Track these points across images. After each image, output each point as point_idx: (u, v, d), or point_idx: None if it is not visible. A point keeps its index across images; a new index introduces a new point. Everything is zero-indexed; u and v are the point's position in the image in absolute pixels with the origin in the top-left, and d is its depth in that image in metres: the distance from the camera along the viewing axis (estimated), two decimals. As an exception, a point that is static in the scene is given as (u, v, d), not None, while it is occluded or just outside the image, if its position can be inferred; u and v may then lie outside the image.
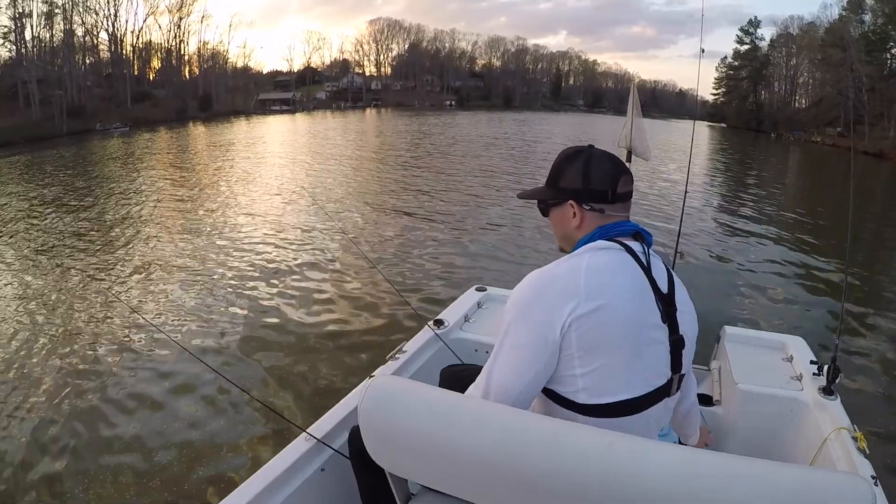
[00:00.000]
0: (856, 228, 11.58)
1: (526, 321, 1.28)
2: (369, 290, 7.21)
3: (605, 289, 1.25)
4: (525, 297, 1.30)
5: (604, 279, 1.26)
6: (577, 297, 1.23)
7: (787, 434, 2.37)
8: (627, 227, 1.39)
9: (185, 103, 70.28)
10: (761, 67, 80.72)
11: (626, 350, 1.25)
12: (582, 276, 1.26)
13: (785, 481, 0.98)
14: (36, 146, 35.56)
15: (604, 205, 1.40)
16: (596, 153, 1.44)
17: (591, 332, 1.23)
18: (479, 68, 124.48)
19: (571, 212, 1.43)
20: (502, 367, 1.29)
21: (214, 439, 4.14)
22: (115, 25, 68.96)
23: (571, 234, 1.44)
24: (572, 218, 1.43)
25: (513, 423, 1.16)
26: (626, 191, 1.42)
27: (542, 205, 1.52)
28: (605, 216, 1.40)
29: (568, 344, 1.23)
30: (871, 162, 35.11)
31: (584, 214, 1.41)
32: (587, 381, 1.24)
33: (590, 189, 1.40)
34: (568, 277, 1.27)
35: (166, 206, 13.42)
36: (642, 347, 1.27)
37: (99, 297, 7.13)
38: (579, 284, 1.25)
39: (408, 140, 33.95)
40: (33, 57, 57.06)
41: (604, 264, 1.29)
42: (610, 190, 1.39)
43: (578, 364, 1.24)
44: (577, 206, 1.42)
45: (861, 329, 6.34)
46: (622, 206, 1.42)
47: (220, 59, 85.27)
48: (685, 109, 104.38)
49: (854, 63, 50.20)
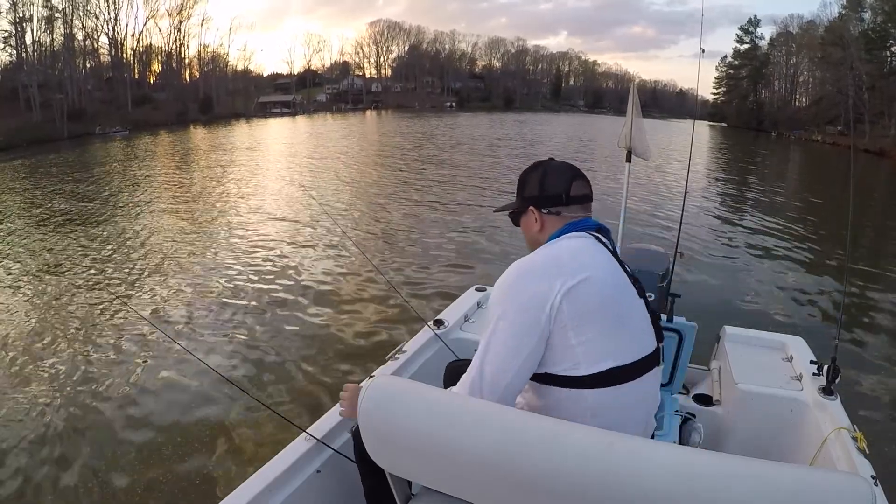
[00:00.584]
0: (856, 228, 11.58)
1: (515, 303, 1.36)
2: (370, 290, 7.22)
3: (586, 264, 1.37)
4: (511, 282, 1.39)
5: (584, 257, 1.40)
6: (563, 274, 1.34)
7: (787, 434, 2.37)
8: (591, 223, 1.53)
9: (186, 106, 70.28)
10: (761, 66, 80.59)
11: (615, 317, 1.37)
12: (564, 256, 1.39)
13: (785, 481, 0.98)
14: (37, 149, 35.61)
15: (560, 207, 1.54)
16: (553, 164, 1.61)
17: (582, 302, 1.32)
18: (479, 69, 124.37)
19: (533, 217, 1.57)
20: (497, 350, 1.35)
21: (214, 439, 4.15)
22: (116, 29, 69.09)
23: (536, 237, 1.57)
24: (534, 223, 1.57)
25: (513, 423, 1.16)
26: (581, 193, 1.55)
27: (512, 215, 1.67)
28: (564, 217, 1.54)
29: (561, 317, 1.31)
30: (871, 160, 35.05)
31: (543, 218, 1.56)
32: (584, 350, 1.32)
33: (546, 195, 1.55)
34: (550, 259, 1.40)
35: (169, 209, 13.45)
36: (628, 315, 1.41)
37: (98, 295, 7.16)
38: (563, 263, 1.37)
39: (409, 142, 33.96)
40: (34, 61, 57.12)
41: (580, 246, 1.44)
42: (564, 193, 1.53)
43: (573, 335, 1.32)
44: (536, 212, 1.56)
45: (861, 329, 6.33)
46: (580, 207, 1.55)
47: (220, 61, 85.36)
48: (686, 109, 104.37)
49: (854, 61, 50.13)
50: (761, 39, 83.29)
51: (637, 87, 4.03)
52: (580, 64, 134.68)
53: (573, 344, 1.32)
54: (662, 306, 3.21)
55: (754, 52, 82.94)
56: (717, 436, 2.57)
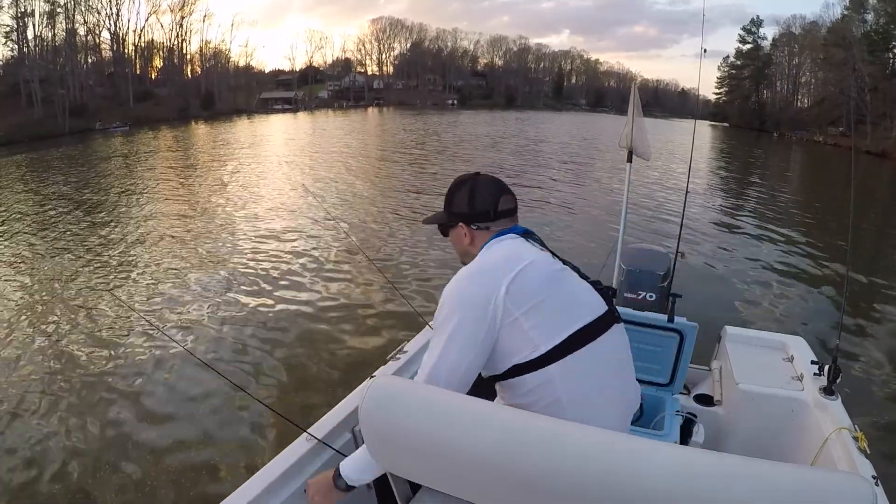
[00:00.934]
0: (857, 228, 11.56)
1: (463, 303, 1.42)
2: (371, 290, 7.22)
3: (521, 257, 1.47)
4: (456, 287, 1.47)
5: (518, 252, 1.50)
6: (502, 271, 1.43)
7: (788, 434, 2.37)
8: (517, 230, 1.62)
9: (188, 102, 70.29)
10: (763, 67, 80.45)
11: (558, 292, 1.45)
12: (499, 257, 1.49)
13: (785, 481, 0.98)
14: (39, 145, 35.63)
15: (488, 223, 1.62)
16: (481, 180, 1.67)
17: (524, 289, 1.40)
18: (481, 67, 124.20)
19: (463, 232, 1.65)
20: (448, 347, 1.40)
21: (215, 439, 4.15)
22: (118, 24, 69.05)
23: (467, 250, 1.66)
24: (464, 237, 1.65)
25: (513, 423, 1.16)
26: (507, 208, 1.64)
27: (441, 227, 1.73)
28: (492, 231, 1.62)
29: (508, 310, 1.39)
30: (873, 162, 34.99)
31: (473, 234, 1.64)
32: (538, 332, 1.39)
33: (475, 212, 1.62)
34: (489, 262, 1.50)
35: (170, 206, 13.45)
36: (570, 288, 1.49)
37: (98, 294, 7.16)
38: (499, 263, 1.46)
39: (413, 139, 33.88)
40: (35, 56, 57.10)
41: (512, 245, 1.54)
42: (492, 210, 1.62)
43: (525, 321, 1.39)
44: (466, 227, 1.64)
45: (862, 329, 6.33)
46: (507, 220, 1.64)
47: (222, 57, 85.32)
48: (687, 109, 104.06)
49: (857, 62, 50.04)
50: (764, 40, 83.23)
51: (639, 86, 4.04)
52: (582, 63, 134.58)
53: (526, 329, 1.38)
54: (663, 306, 3.21)
55: (756, 53, 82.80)
56: (718, 436, 2.57)
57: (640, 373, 2.55)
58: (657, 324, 2.53)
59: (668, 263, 3.94)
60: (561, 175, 19.44)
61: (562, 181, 17.85)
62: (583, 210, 13.39)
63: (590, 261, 8.24)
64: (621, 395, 1.51)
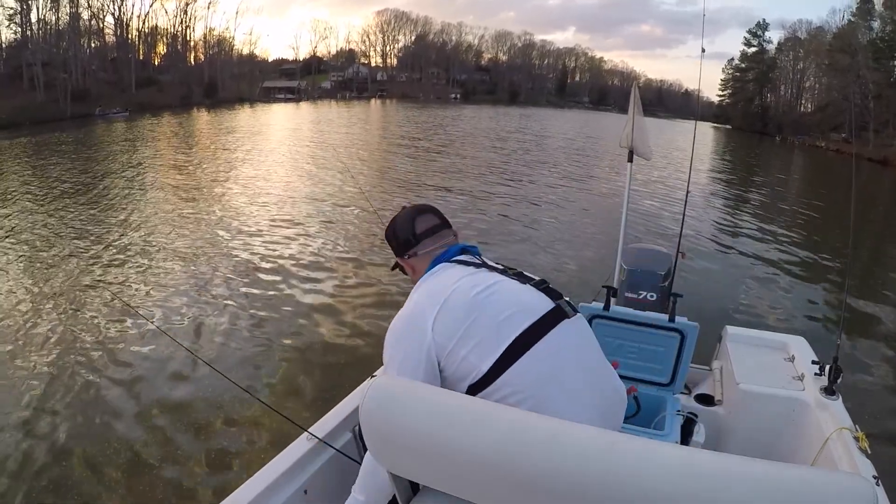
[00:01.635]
0: (858, 232, 11.58)
1: (402, 345, 1.47)
2: (371, 289, 7.22)
3: (442, 290, 1.47)
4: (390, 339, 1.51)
5: (441, 285, 1.49)
6: (427, 311, 1.44)
7: (789, 434, 2.38)
8: (451, 252, 1.62)
9: (190, 89, 70.02)
10: (768, 70, 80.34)
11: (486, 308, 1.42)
12: (425, 296, 1.50)
13: (786, 481, 0.98)
14: (41, 129, 35.45)
15: (414, 248, 1.65)
16: (400, 214, 1.72)
17: (450, 319, 1.42)
18: (485, 62, 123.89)
19: (404, 265, 1.71)
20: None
21: (215, 439, 4.16)
22: (122, 9, 68.75)
23: (414, 279, 1.67)
24: (409, 269, 1.70)
25: (514, 422, 1.16)
26: (426, 227, 1.66)
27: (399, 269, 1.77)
28: (424, 256, 1.64)
29: (441, 344, 1.41)
30: (875, 169, 35.02)
31: (410, 263, 1.68)
32: (475, 354, 1.39)
33: (399, 244, 1.68)
34: (417, 306, 1.50)
35: (172, 198, 13.43)
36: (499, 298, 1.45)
37: (97, 293, 7.08)
38: (423, 303, 1.48)
39: (419, 133, 33.82)
40: (39, 39, 56.80)
41: (435, 280, 1.54)
42: (411, 236, 1.65)
43: (460, 348, 1.40)
44: (402, 261, 1.70)
45: (863, 329, 6.37)
46: (430, 240, 1.65)
47: (225, 45, 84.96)
48: (691, 110, 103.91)
49: (861, 69, 49.99)
50: (769, 43, 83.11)
51: (643, 86, 4.05)
52: (586, 60, 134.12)
53: (464, 355, 1.40)
54: (664, 306, 3.21)
55: (761, 56, 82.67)
56: (719, 436, 2.57)
57: (641, 372, 2.57)
58: (658, 323, 2.53)
59: (669, 263, 3.94)
60: (563, 172, 19.45)
61: (564, 179, 17.86)
62: (584, 209, 13.39)
63: (591, 261, 8.29)
64: (590, 387, 1.47)
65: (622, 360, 2.50)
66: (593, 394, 1.46)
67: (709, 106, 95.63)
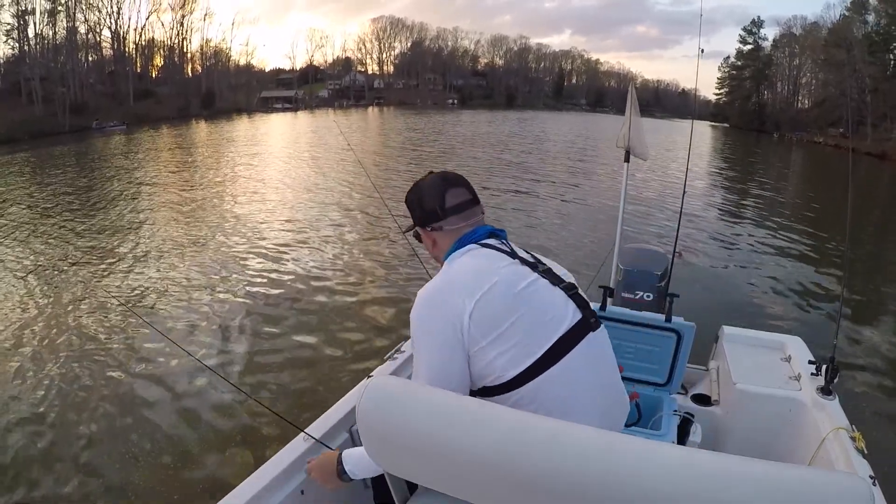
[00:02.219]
0: (856, 229, 11.59)
1: (431, 331, 1.39)
2: (369, 289, 7.22)
3: (483, 277, 1.39)
4: (422, 313, 1.42)
5: (480, 271, 1.41)
6: (464, 293, 1.36)
7: (786, 434, 2.37)
8: (480, 233, 1.53)
9: (188, 101, 70.23)
10: (764, 67, 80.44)
11: (526, 312, 1.37)
12: (458, 278, 1.42)
13: (783, 481, 0.98)
14: (40, 143, 35.59)
15: (439, 222, 1.55)
16: (427, 181, 1.61)
17: (488, 313, 1.35)
18: (481, 67, 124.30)
19: (424, 236, 1.61)
20: (432, 367, 1.39)
21: (213, 439, 4.16)
22: (118, 23, 68.93)
23: (434, 253, 1.61)
24: (428, 241, 1.61)
25: (513, 423, 1.15)
26: (457, 202, 1.55)
27: (415, 235, 1.67)
28: (450, 231, 1.55)
29: (474, 337, 1.35)
30: (873, 163, 35.01)
31: (431, 236, 1.59)
32: (504, 359, 1.35)
33: (424, 213, 1.57)
34: (449, 284, 1.42)
35: (171, 207, 13.45)
36: (538, 301, 1.40)
37: (98, 293, 7.13)
38: (461, 284, 1.39)
39: (419, 138, 33.92)
40: (36, 54, 56.98)
41: (470, 262, 1.45)
42: (438, 208, 1.54)
43: (490, 349, 1.35)
44: (424, 231, 1.60)
45: (859, 329, 6.35)
46: (459, 217, 1.55)
47: (222, 56, 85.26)
48: (688, 109, 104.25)
49: (857, 63, 50.04)
50: (764, 40, 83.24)
51: (640, 87, 4.05)
52: (583, 62, 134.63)
53: (492, 357, 1.35)
54: (661, 306, 3.21)
55: (757, 53, 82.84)
56: (716, 436, 2.56)
57: (638, 372, 2.56)
58: (655, 324, 2.52)
59: (666, 263, 3.94)
60: (560, 173, 19.47)
61: (562, 180, 17.85)
62: (581, 209, 13.39)
63: (588, 261, 8.27)
64: (602, 403, 1.46)
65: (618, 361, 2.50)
66: (603, 407, 1.46)
67: (706, 105, 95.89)
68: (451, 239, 1.54)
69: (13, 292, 7.35)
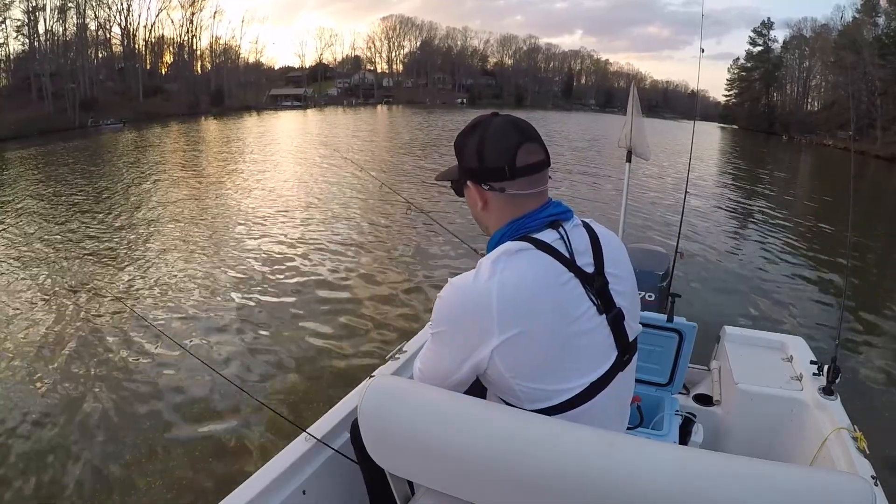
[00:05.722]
0: (861, 231, 11.52)
1: (448, 344, 1.25)
2: (370, 289, 7.21)
3: (519, 312, 1.16)
4: (446, 314, 1.24)
5: (518, 302, 1.16)
6: (499, 321, 1.15)
7: (787, 434, 2.36)
8: (540, 219, 1.26)
9: (197, 98, 70.63)
10: (774, 69, 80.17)
11: (558, 357, 1.19)
12: (494, 304, 1.15)
13: (785, 481, 0.98)
14: (50, 138, 35.81)
15: (503, 182, 1.26)
16: (494, 123, 1.29)
17: (516, 358, 1.17)
18: (490, 66, 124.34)
19: (475, 193, 1.31)
20: (441, 356, 1.28)
21: (214, 439, 4.16)
22: (128, 20, 69.45)
23: (481, 217, 1.35)
24: (477, 199, 1.32)
25: (513, 423, 1.16)
26: (529, 162, 1.26)
27: (453, 186, 1.41)
28: (512, 197, 1.27)
29: (496, 370, 1.19)
30: (883, 166, 34.80)
31: (485, 196, 1.30)
32: (527, 393, 1.20)
33: (485, 168, 1.27)
34: (486, 298, 1.16)
35: (176, 204, 13.49)
36: (574, 346, 1.20)
37: (98, 293, 7.12)
38: (493, 314, 1.15)
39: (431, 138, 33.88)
40: (46, 51, 57.43)
41: (517, 279, 1.17)
42: (507, 166, 1.24)
43: (514, 382, 1.19)
44: (476, 188, 1.31)
45: (861, 329, 6.33)
46: (527, 181, 1.26)
47: (231, 54, 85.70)
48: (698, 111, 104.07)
49: (867, 66, 49.75)
50: (774, 42, 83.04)
51: (649, 88, 4.05)
52: (592, 63, 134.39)
53: (515, 388, 1.20)
54: (663, 306, 3.20)
55: (767, 55, 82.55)
56: (717, 436, 2.56)
57: (640, 373, 2.55)
58: (656, 324, 2.51)
59: (668, 263, 3.92)
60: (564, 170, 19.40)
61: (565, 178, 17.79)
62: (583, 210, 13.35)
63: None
64: (616, 409, 1.34)
65: None
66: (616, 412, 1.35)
67: (715, 106, 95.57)
68: (510, 208, 1.28)
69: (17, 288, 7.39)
